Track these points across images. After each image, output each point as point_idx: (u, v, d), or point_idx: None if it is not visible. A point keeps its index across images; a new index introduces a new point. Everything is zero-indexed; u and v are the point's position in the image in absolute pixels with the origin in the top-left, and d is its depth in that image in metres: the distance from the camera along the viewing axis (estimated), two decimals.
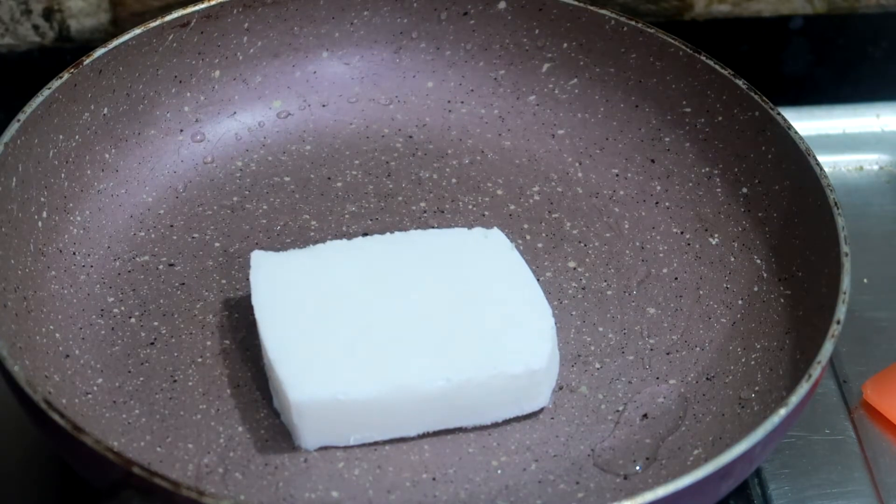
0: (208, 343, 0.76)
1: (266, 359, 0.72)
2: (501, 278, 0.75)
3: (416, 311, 0.73)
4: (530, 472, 0.71)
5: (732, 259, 0.80)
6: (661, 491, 0.63)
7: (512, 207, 0.84)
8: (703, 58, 0.83)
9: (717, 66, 0.82)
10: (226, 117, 0.86)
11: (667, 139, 0.85)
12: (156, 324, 0.77)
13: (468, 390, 0.70)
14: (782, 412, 0.66)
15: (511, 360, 0.71)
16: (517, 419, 0.73)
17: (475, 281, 0.75)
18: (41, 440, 0.72)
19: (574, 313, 0.78)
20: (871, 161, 0.93)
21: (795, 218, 0.78)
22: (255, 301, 0.73)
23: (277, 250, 0.77)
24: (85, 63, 0.79)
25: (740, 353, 0.76)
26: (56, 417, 0.64)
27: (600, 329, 0.78)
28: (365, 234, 0.81)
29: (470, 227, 0.81)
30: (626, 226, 0.83)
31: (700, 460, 0.70)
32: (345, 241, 0.77)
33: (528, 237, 0.82)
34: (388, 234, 0.78)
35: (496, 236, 0.77)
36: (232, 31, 0.85)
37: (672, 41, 0.84)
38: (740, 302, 0.78)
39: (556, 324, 0.74)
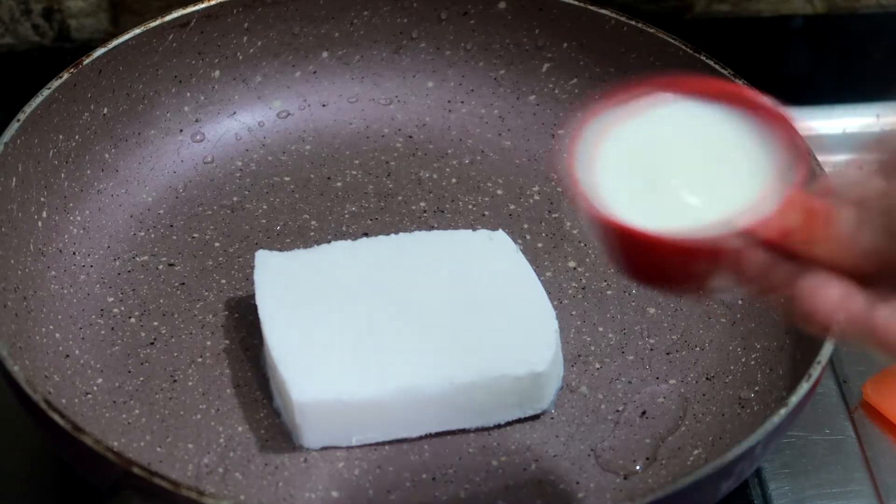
0: (208, 343, 0.76)
1: (269, 359, 0.72)
2: (505, 281, 0.75)
3: (419, 313, 0.73)
4: (530, 472, 0.71)
5: None
6: (661, 491, 0.63)
7: (512, 207, 0.84)
8: (703, 58, 0.83)
9: (717, 66, 0.82)
10: (226, 117, 0.87)
11: None
12: (156, 324, 0.77)
13: (471, 392, 0.70)
14: (782, 412, 0.66)
15: (514, 362, 0.71)
16: (518, 419, 0.73)
17: (479, 283, 0.75)
18: (41, 440, 0.72)
19: (574, 313, 0.78)
20: (872, 161, 0.93)
21: None
22: (258, 301, 0.73)
23: (278, 250, 0.77)
24: (85, 63, 0.79)
25: (740, 353, 0.76)
26: (56, 417, 0.64)
27: (600, 329, 0.78)
28: (365, 234, 0.81)
29: (471, 226, 0.81)
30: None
31: (700, 460, 0.70)
32: (349, 241, 0.77)
33: (528, 237, 0.82)
34: (392, 234, 0.78)
35: (501, 238, 0.77)
36: (232, 31, 0.85)
37: (672, 41, 0.84)
38: (740, 302, 0.78)
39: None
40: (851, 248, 0.56)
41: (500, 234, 0.77)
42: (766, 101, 0.60)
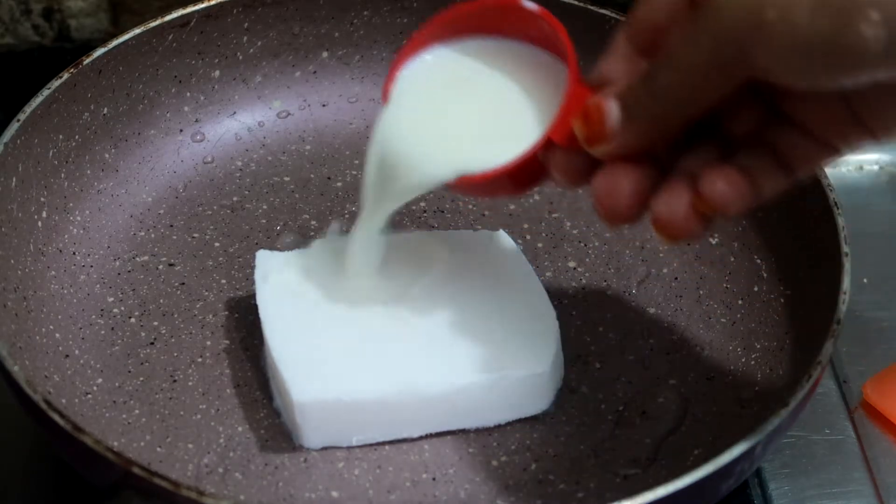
0: (208, 343, 0.76)
1: (269, 359, 0.72)
2: (506, 281, 0.75)
3: (420, 313, 0.73)
4: (530, 472, 0.71)
5: (732, 259, 0.80)
6: (661, 491, 0.63)
7: (512, 207, 0.84)
8: None
9: None
10: (226, 117, 0.87)
11: None
12: (156, 324, 0.77)
13: (471, 392, 0.70)
14: (782, 412, 0.66)
15: (514, 362, 0.71)
16: (518, 419, 0.73)
17: (480, 283, 0.75)
18: (41, 440, 0.72)
19: (574, 313, 0.78)
20: (871, 161, 0.93)
21: (795, 218, 0.78)
22: (259, 301, 0.73)
23: (278, 250, 0.77)
24: (85, 63, 0.79)
25: (740, 353, 0.76)
26: (56, 417, 0.64)
27: (600, 329, 0.78)
28: None
29: (471, 226, 0.81)
30: (626, 226, 0.83)
31: (700, 460, 0.70)
32: None
33: (528, 237, 0.82)
34: (392, 234, 0.78)
35: (501, 238, 0.77)
36: (232, 31, 0.85)
37: None
38: (740, 302, 0.78)
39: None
40: (625, 140, 0.56)
41: (501, 234, 0.77)
42: (534, 9, 0.61)
